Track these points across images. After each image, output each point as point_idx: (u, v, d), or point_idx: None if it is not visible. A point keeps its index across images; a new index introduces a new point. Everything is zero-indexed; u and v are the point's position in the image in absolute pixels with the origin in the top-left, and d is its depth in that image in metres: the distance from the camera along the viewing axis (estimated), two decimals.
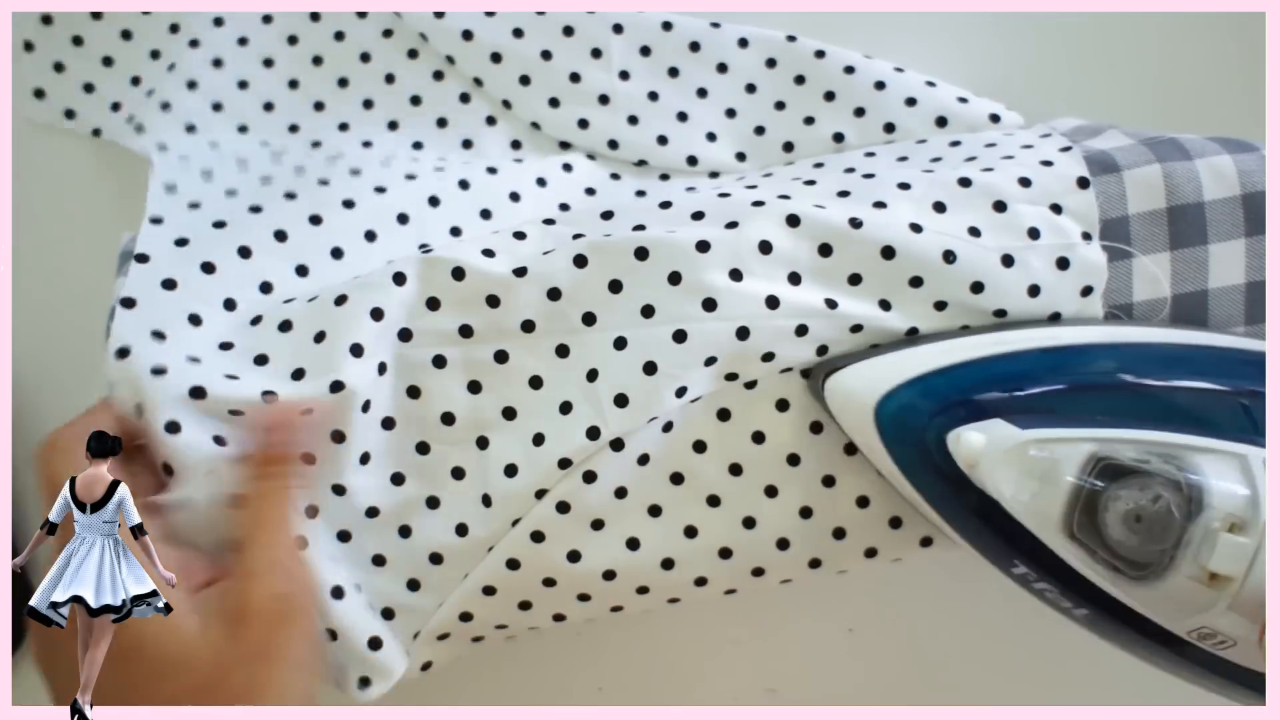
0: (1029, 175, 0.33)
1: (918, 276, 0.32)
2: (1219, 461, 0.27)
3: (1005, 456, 0.28)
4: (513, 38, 0.40)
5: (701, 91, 0.41)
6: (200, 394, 0.31)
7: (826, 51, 0.40)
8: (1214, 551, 0.25)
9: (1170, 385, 0.30)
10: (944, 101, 0.40)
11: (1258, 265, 0.33)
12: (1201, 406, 0.29)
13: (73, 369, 0.40)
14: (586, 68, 0.40)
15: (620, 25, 0.41)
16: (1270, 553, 0.24)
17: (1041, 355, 0.31)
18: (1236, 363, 0.31)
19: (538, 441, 0.33)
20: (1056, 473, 0.28)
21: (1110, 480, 0.27)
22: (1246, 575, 0.25)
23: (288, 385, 0.31)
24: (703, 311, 0.32)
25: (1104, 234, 0.33)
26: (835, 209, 0.33)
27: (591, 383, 0.33)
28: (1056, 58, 0.43)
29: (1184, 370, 0.30)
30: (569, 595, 0.34)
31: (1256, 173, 0.32)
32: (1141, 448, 0.27)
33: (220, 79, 0.40)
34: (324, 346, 0.32)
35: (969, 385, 0.30)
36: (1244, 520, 0.25)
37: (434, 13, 0.40)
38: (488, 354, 0.33)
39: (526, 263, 0.33)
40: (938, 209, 0.33)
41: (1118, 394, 0.30)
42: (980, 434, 0.29)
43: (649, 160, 0.41)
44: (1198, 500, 0.26)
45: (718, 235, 0.32)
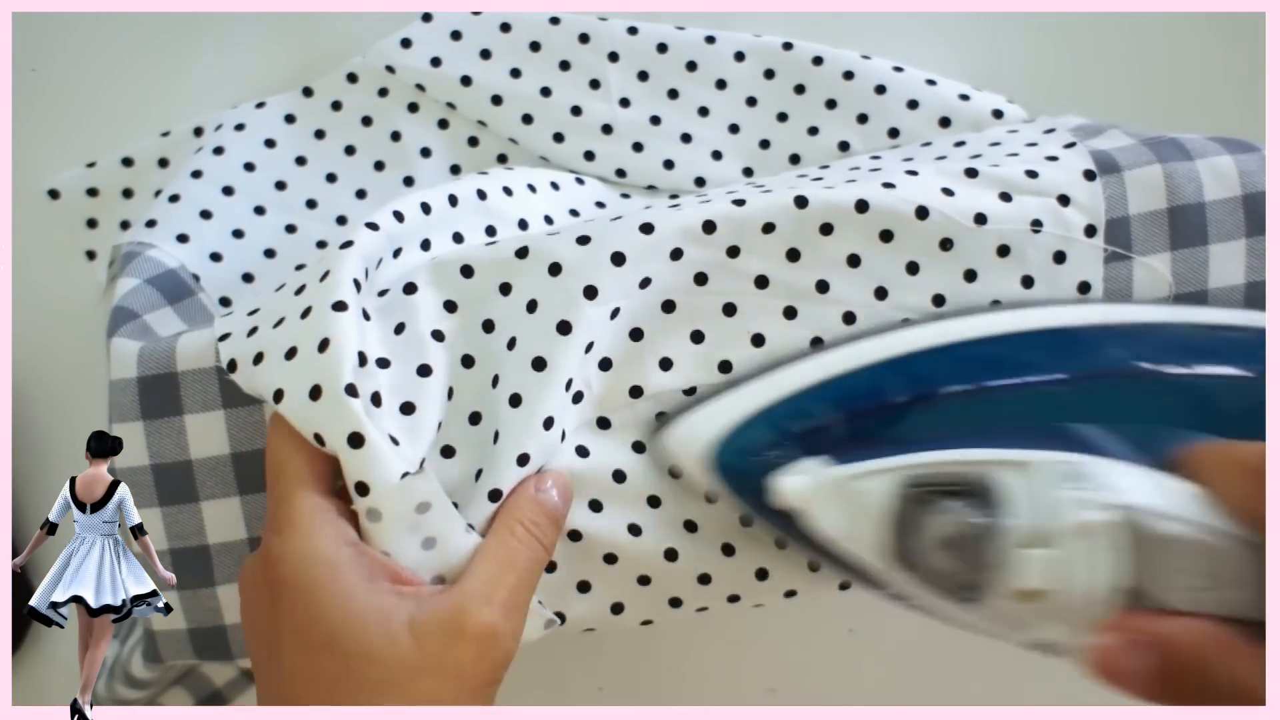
0: (1036, 169, 0.33)
1: (913, 263, 0.32)
2: (1021, 474, 0.25)
3: (821, 497, 0.28)
4: (510, 78, 0.40)
5: (703, 110, 0.41)
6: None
7: (824, 57, 0.40)
8: (1018, 568, 0.24)
9: (987, 386, 0.29)
10: (946, 100, 0.39)
11: (1258, 265, 0.33)
12: (1023, 406, 0.29)
13: (73, 369, 0.40)
14: (586, 100, 0.41)
15: (615, 53, 0.41)
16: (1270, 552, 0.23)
17: (870, 373, 0.30)
18: (1072, 344, 0.30)
19: (547, 425, 0.31)
20: (871, 506, 0.27)
21: (922, 506, 0.27)
22: (1057, 586, 0.24)
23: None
24: (694, 285, 0.32)
25: (1106, 233, 0.33)
26: (842, 190, 0.32)
27: (587, 354, 0.32)
28: (1057, 58, 0.43)
29: (993, 369, 0.29)
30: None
31: (1257, 173, 0.32)
32: (949, 469, 0.27)
33: (224, 163, 0.40)
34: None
35: (789, 421, 0.30)
36: (1044, 532, 0.24)
37: (430, 60, 0.40)
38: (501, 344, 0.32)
39: (528, 242, 0.32)
40: (946, 193, 0.32)
41: (939, 407, 0.29)
42: (796, 477, 0.28)
43: (658, 185, 0.41)
44: (997, 517, 0.25)
45: (724, 211, 0.32)
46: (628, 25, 0.41)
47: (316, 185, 0.41)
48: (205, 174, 0.40)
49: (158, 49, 0.42)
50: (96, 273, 0.41)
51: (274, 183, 0.41)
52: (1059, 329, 0.30)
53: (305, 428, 0.28)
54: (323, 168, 0.41)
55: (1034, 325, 0.31)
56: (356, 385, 0.28)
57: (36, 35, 0.42)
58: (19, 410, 0.40)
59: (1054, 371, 0.29)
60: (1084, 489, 0.24)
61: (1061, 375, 0.29)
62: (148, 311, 0.35)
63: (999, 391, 0.29)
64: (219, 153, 0.40)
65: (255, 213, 0.40)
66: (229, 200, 0.40)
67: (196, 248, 0.39)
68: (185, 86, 0.42)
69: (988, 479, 0.26)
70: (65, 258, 0.41)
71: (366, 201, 0.41)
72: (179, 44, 0.42)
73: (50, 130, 0.42)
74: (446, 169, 0.41)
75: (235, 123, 0.41)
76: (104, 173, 0.41)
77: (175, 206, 0.39)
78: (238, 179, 0.40)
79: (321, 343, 0.28)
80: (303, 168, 0.41)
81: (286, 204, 0.41)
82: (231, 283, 0.39)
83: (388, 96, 0.41)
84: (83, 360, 0.39)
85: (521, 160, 0.41)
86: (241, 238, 0.40)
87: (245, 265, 0.39)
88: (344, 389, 0.27)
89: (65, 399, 0.41)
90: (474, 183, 0.35)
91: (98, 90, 0.42)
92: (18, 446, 0.40)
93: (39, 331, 0.41)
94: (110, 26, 0.42)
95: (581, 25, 0.41)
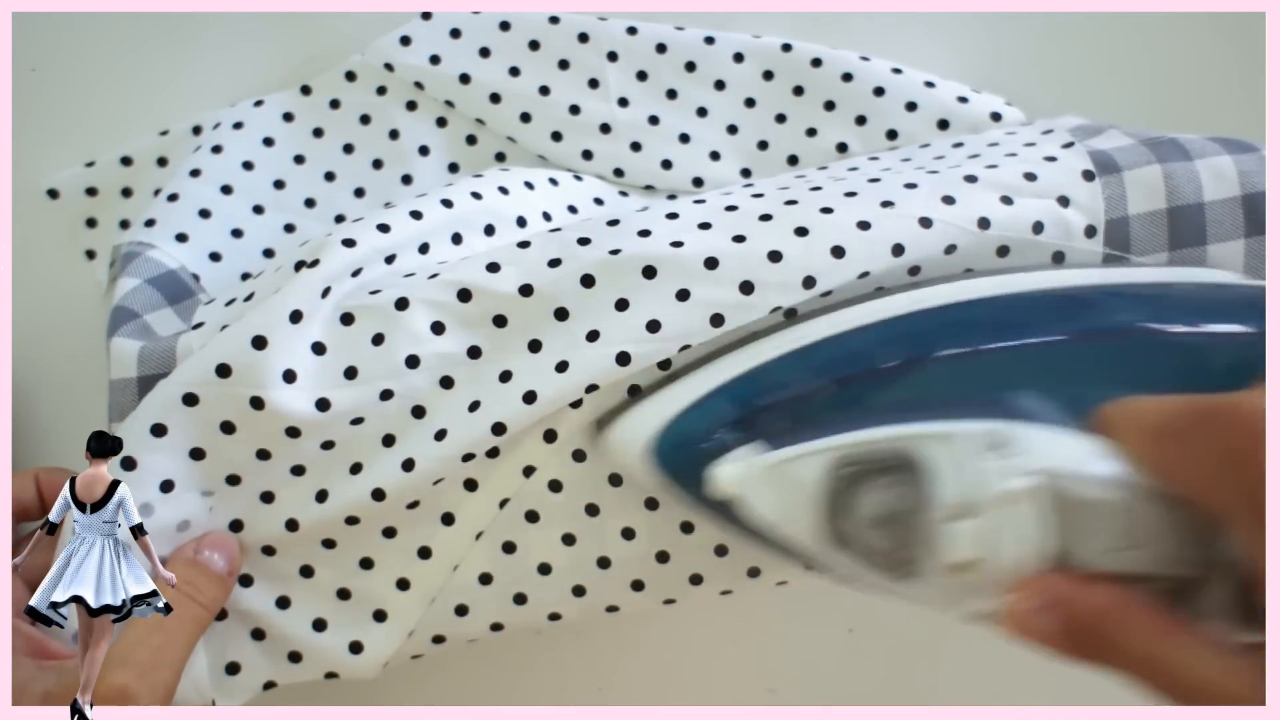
0: (1034, 170, 0.33)
1: (916, 266, 0.32)
2: (946, 447, 0.25)
3: (755, 484, 0.28)
4: (510, 76, 0.40)
5: (701, 111, 0.41)
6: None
7: (823, 59, 0.40)
8: (947, 542, 0.25)
9: (920, 359, 0.29)
10: (944, 103, 0.39)
11: (1257, 265, 0.33)
12: (957, 377, 0.28)
13: (73, 369, 0.40)
14: (585, 99, 0.41)
15: (614, 53, 0.41)
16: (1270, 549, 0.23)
17: (789, 359, 0.30)
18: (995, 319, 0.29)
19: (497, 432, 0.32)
20: (803, 490, 0.27)
21: (854, 486, 0.27)
22: (986, 556, 0.24)
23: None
24: (710, 328, 0.31)
25: (1105, 233, 0.33)
26: (843, 212, 0.32)
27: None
28: (1056, 58, 0.43)
29: (926, 341, 0.29)
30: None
31: (1256, 173, 0.32)
32: (877, 447, 0.27)
33: (223, 162, 0.40)
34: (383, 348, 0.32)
35: (726, 410, 0.30)
36: (970, 503, 0.24)
37: (429, 57, 0.40)
38: (493, 373, 0.32)
39: (532, 279, 0.32)
40: (947, 202, 0.32)
41: (872, 385, 0.29)
42: (730, 466, 0.28)
43: (655, 185, 0.41)
44: (925, 492, 0.25)
45: (726, 248, 0.31)
46: (627, 25, 0.41)
47: (315, 184, 0.41)
48: (204, 173, 0.40)
49: (158, 49, 0.42)
50: (97, 272, 0.41)
51: (273, 181, 0.41)
52: (994, 297, 0.30)
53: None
54: (321, 166, 0.41)
55: (968, 295, 0.30)
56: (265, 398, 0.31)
57: (36, 35, 0.42)
58: (19, 410, 0.40)
59: (990, 341, 0.29)
60: (1006, 457, 0.24)
61: (1000, 344, 0.28)
62: (148, 311, 0.35)
63: (932, 364, 0.29)
64: (217, 151, 0.40)
65: (254, 212, 0.40)
66: (228, 199, 0.40)
67: (196, 247, 0.39)
68: (186, 86, 0.42)
69: (914, 454, 0.26)
70: (65, 257, 0.41)
71: (365, 200, 0.41)
72: (180, 44, 0.42)
73: (50, 130, 0.42)
74: (445, 167, 0.41)
75: (233, 121, 0.41)
76: (103, 172, 0.41)
77: (174, 206, 0.39)
78: (236, 178, 0.40)
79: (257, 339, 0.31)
80: (301, 166, 0.41)
81: (285, 203, 0.41)
82: (231, 282, 0.39)
83: (386, 95, 0.41)
84: (83, 360, 0.39)
85: (519, 159, 0.41)
86: (240, 237, 0.40)
87: (244, 265, 0.39)
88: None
89: (65, 399, 0.40)
90: (469, 185, 0.35)
91: (98, 90, 0.42)
92: (18, 446, 0.40)
93: (39, 331, 0.41)
94: (110, 26, 0.42)
95: (581, 25, 0.41)
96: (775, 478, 0.28)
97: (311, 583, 0.33)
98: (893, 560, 0.26)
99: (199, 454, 0.31)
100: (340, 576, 0.33)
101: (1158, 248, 0.33)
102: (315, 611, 0.33)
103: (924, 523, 0.25)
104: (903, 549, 0.26)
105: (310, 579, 0.33)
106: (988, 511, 0.24)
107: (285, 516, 0.32)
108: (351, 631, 0.33)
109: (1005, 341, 0.28)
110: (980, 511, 0.24)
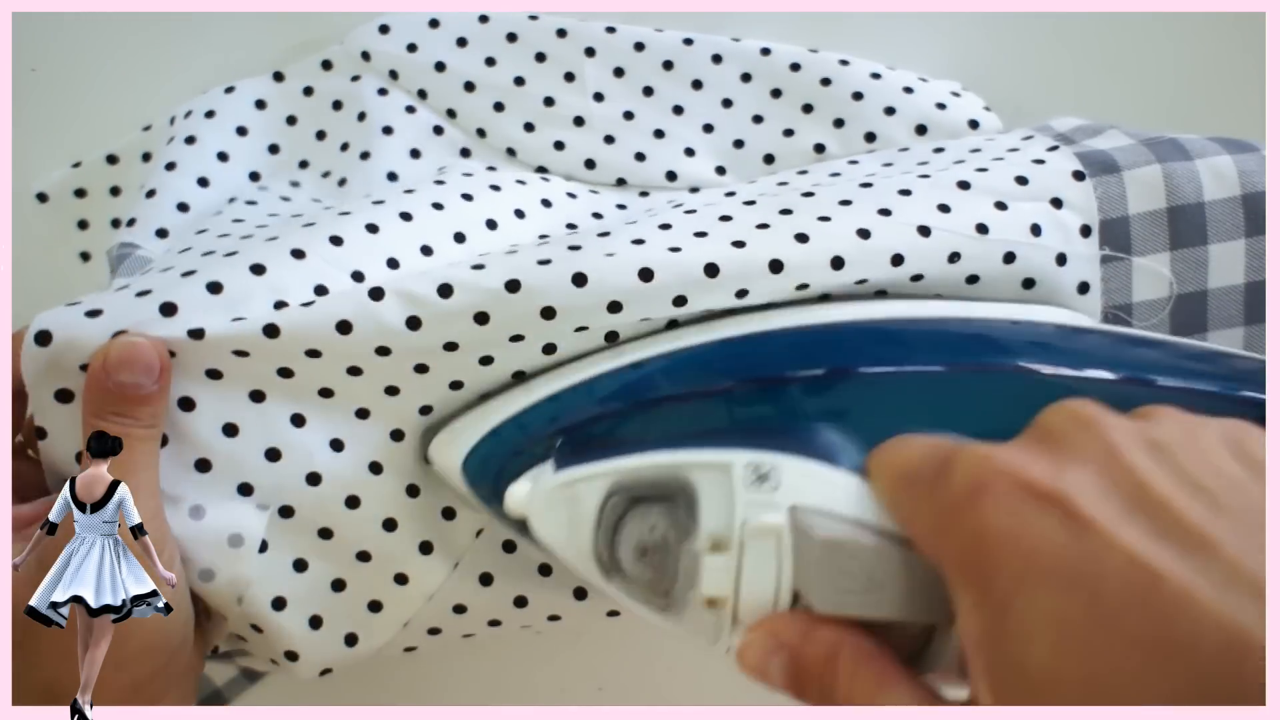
0: (1024, 174, 0.33)
1: (918, 274, 0.32)
2: (719, 476, 0.24)
3: (542, 504, 0.27)
4: (485, 66, 0.40)
5: (677, 109, 0.41)
6: None
7: (802, 63, 0.40)
8: (700, 575, 0.24)
9: (722, 387, 0.28)
10: (923, 109, 0.39)
11: (1257, 265, 0.33)
12: (763, 405, 0.27)
13: None
14: (560, 92, 0.40)
15: (592, 49, 0.41)
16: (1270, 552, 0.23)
17: (604, 380, 0.29)
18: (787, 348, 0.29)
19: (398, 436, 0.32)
20: (580, 513, 0.26)
21: (629, 512, 0.26)
22: (730, 592, 0.23)
23: None
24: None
25: (1104, 232, 0.33)
26: (841, 222, 0.31)
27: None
28: (1057, 58, 0.43)
29: (713, 369, 0.28)
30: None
31: (1256, 173, 0.32)
32: (653, 473, 0.26)
33: (197, 153, 0.39)
34: None
35: (537, 428, 0.29)
36: (723, 536, 0.24)
37: (406, 45, 0.40)
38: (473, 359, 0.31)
39: (520, 275, 0.30)
40: (943, 210, 0.32)
41: (663, 409, 0.28)
42: (520, 485, 0.27)
43: (628, 179, 0.40)
44: (686, 524, 0.25)
45: (725, 254, 0.30)
46: (606, 25, 0.41)
47: (290, 173, 0.41)
48: (179, 165, 0.39)
49: (159, 48, 0.42)
50: (96, 274, 0.41)
51: (248, 173, 0.40)
52: (814, 325, 0.29)
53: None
54: (295, 155, 0.41)
55: (787, 324, 0.29)
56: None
57: (36, 35, 0.42)
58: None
59: (798, 369, 0.28)
60: (765, 491, 0.24)
61: (810, 371, 0.28)
62: None
63: (739, 390, 0.28)
64: (191, 142, 0.40)
65: (230, 204, 0.40)
66: (205, 192, 0.39)
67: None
68: (186, 86, 0.42)
69: (687, 482, 0.25)
70: (65, 257, 0.41)
71: (329, 181, 0.40)
72: (180, 43, 0.42)
73: (51, 130, 0.42)
74: (407, 152, 0.40)
75: (205, 109, 0.40)
76: (90, 172, 0.41)
77: (153, 202, 0.38)
78: (211, 169, 0.40)
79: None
80: (275, 156, 0.41)
81: (261, 194, 0.40)
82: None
83: (359, 83, 0.41)
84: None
85: (487, 155, 0.41)
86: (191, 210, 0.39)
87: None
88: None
89: None
90: (430, 195, 0.34)
91: (99, 90, 0.42)
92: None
93: None
94: (111, 26, 0.42)
95: (560, 21, 0.41)
96: (560, 499, 0.27)
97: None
98: (656, 591, 0.26)
99: None
100: (337, 569, 0.33)
101: (1158, 247, 0.33)
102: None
103: (687, 554, 0.25)
104: (665, 580, 0.25)
105: (330, 540, 0.32)
106: (735, 546, 0.24)
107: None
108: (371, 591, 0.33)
109: (812, 370, 0.27)
110: (731, 545, 0.24)
